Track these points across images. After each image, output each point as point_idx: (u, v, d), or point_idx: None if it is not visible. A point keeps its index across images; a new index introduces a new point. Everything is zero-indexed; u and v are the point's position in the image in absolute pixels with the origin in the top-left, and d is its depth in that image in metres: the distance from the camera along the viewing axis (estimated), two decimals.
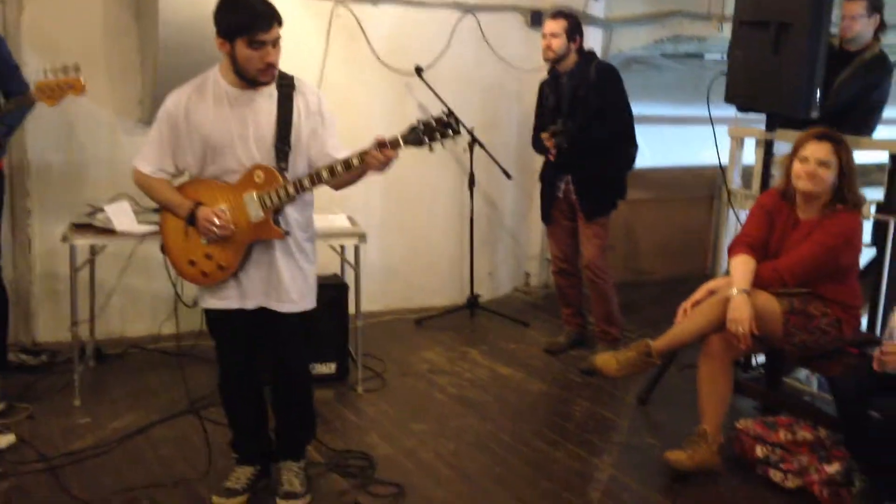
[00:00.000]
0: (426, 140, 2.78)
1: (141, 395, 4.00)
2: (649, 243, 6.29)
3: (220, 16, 2.76)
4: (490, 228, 5.77)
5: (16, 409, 3.71)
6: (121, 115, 4.69)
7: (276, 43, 2.76)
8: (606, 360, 3.43)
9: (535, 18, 5.60)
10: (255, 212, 2.86)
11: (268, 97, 2.86)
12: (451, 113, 2.79)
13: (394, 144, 2.78)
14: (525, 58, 5.57)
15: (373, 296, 5.06)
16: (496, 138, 5.50)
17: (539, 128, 4.65)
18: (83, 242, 3.87)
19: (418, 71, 5.26)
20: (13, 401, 3.76)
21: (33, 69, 3.93)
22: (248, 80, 2.81)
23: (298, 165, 2.92)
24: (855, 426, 3.03)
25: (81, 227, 3.88)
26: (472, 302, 5.42)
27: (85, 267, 4.11)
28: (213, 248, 2.92)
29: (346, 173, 2.84)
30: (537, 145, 4.66)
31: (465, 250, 5.50)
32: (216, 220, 2.85)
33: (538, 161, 4.82)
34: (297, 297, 2.98)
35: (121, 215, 3.90)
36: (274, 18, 2.73)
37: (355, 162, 2.81)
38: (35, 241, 4.57)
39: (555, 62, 4.49)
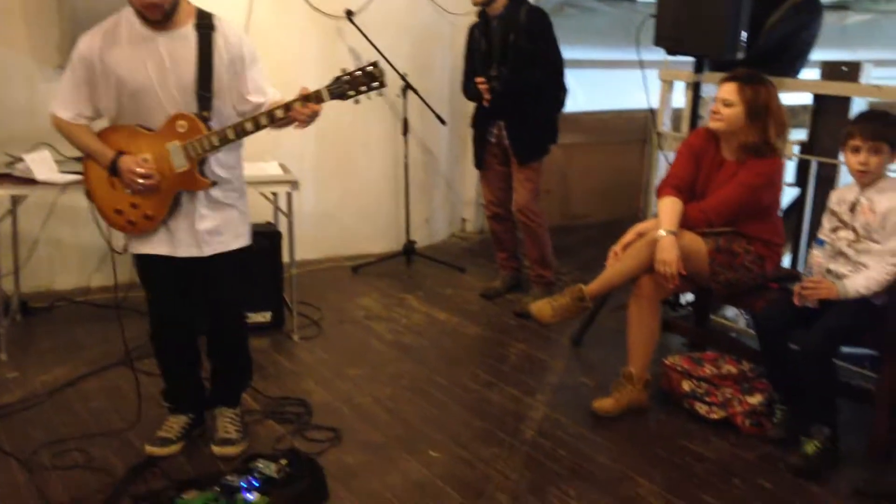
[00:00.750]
0: (351, 93, 2.75)
1: (70, 349, 3.93)
2: (583, 187, 6.35)
3: None
4: (425, 174, 5.75)
5: None
6: (39, 62, 4.50)
7: None
8: (541, 307, 3.47)
9: None
10: (180, 162, 2.81)
11: (184, 39, 2.76)
12: (376, 64, 2.74)
13: (318, 98, 2.74)
14: (457, 2, 5.50)
15: (308, 243, 5.02)
16: (429, 84, 5.45)
17: (469, 73, 4.63)
18: (2, 193, 3.76)
19: (349, 15, 5.16)
20: None
21: None
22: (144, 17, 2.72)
23: (224, 111, 2.86)
24: (775, 358, 3.15)
25: (1, 177, 3.75)
26: (409, 248, 5.42)
27: (6, 218, 3.98)
28: (138, 197, 2.86)
29: (271, 125, 2.79)
30: (468, 91, 4.64)
31: (400, 197, 5.49)
32: (139, 171, 2.78)
33: (471, 106, 4.81)
34: (228, 237, 2.95)
35: (41, 164, 3.78)
36: None
37: (279, 114, 2.75)
38: None
39: (484, 5, 4.45)
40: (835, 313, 2.99)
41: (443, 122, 5.35)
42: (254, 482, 2.72)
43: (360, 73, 2.73)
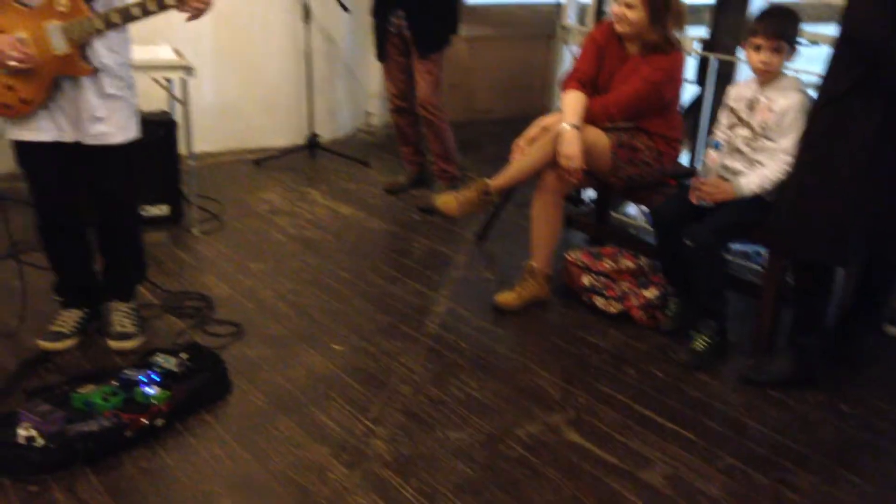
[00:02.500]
0: None
1: None
2: (487, 81, 6.29)
3: None
4: (329, 65, 5.58)
5: None
6: None
7: None
8: (447, 200, 3.47)
9: None
10: (60, 44, 2.63)
11: None
12: None
13: None
14: None
15: (208, 135, 4.84)
16: None
17: None
18: None
19: None
20: None
21: None
22: None
23: None
24: (670, 253, 3.26)
25: None
26: (312, 142, 5.30)
27: None
28: (13, 79, 2.68)
29: (160, 11, 2.62)
30: None
31: (303, 88, 5.32)
32: (12, 53, 2.59)
33: None
34: (115, 128, 2.80)
35: None
36: None
37: (170, 2, 2.59)
38: None
39: None
40: (726, 210, 3.08)
41: (345, 9, 5.16)
42: (154, 376, 2.69)
43: None
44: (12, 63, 2.62)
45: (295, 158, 5.23)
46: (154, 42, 4.11)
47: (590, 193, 4.34)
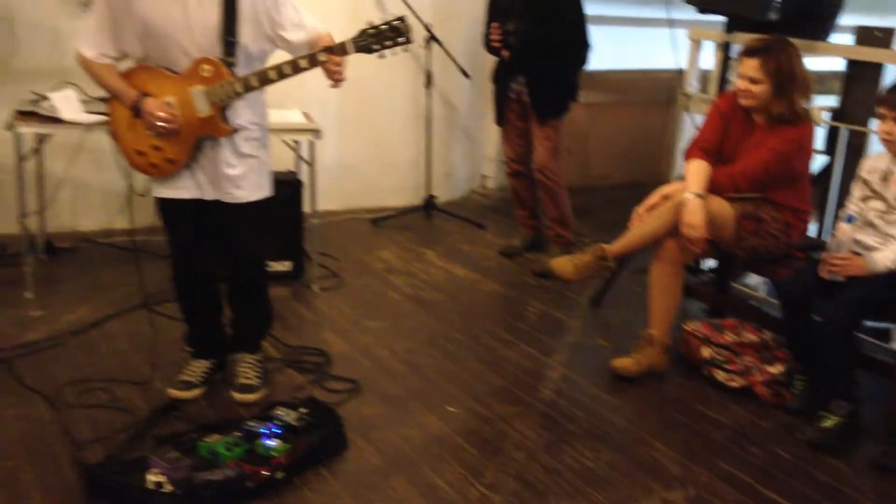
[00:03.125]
0: (376, 47, 2.71)
1: (94, 289, 3.96)
2: (604, 147, 6.29)
3: None
4: (447, 129, 5.71)
5: None
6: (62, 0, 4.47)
7: None
8: (562, 263, 3.47)
9: None
10: (202, 107, 2.79)
11: None
12: (403, 19, 2.70)
13: (342, 51, 2.71)
14: None
15: (329, 194, 5.00)
16: (454, 36, 5.38)
17: (490, 26, 4.55)
18: (28, 130, 3.76)
19: None
20: None
21: None
22: None
23: (251, 55, 2.83)
24: (797, 329, 3.14)
25: (26, 115, 3.75)
26: (429, 203, 5.41)
27: (32, 157, 3.98)
28: (161, 140, 2.85)
29: (295, 74, 2.76)
30: (489, 44, 4.58)
31: (421, 150, 5.45)
32: (161, 114, 2.77)
33: (493, 60, 4.75)
34: (250, 187, 2.94)
35: (66, 103, 3.78)
36: None
37: (303, 64, 2.73)
38: None
39: None
40: (859, 286, 2.97)
41: (466, 75, 5.29)
42: (274, 429, 2.75)
43: (386, 27, 2.70)
44: (161, 125, 2.79)
45: (411, 219, 5.34)
46: (285, 105, 4.30)
47: (709, 263, 4.25)
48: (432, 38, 5.14)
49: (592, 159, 6.29)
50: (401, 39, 2.71)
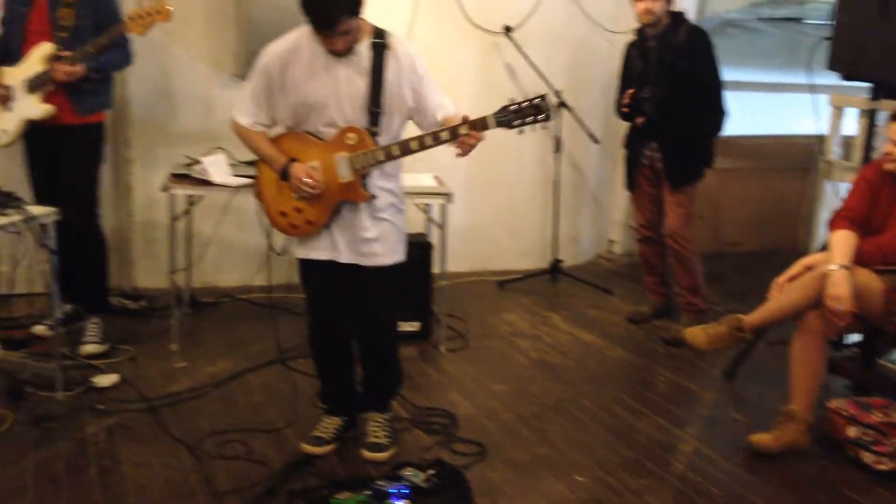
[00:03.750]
0: (516, 123, 2.78)
1: (233, 343, 4.13)
2: (737, 214, 6.13)
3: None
4: (575, 193, 5.72)
5: (118, 351, 3.90)
6: (216, 69, 4.78)
7: (343, 33, 2.76)
8: (695, 332, 3.39)
9: None
10: (345, 173, 2.91)
11: (359, 56, 2.85)
12: (544, 97, 2.76)
13: (483, 126, 2.79)
14: (615, 18, 5.44)
15: (456, 256, 5.07)
16: (584, 101, 5.42)
17: (623, 93, 4.56)
18: (181, 192, 3.99)
19: (507, 30, 5.21)
20: (116, 343, 3.94)
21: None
22: None
23: (392, 125, 2.95)
24: None
25: (180, 178, 3.99)
26: (555, 267, 5.40)
27: (183, 217, 4.23)
28: (303, 202, 2.98)
29: (435, 145, 2.86)
30: (622, 111, 4.57)
31: (548, 214, 5.48)
32: (307, 179, 2.90)
33: (623, 125, 4.75)
34: (385, 251, 3.02)
35: (217, 167, 4.00)
36: (336, 21, 2.70)
37: (444, 136, 2.82)
38: (135, 189, 4.73)
39: (651, 26, 4.38)
40: None
41: (596, 140, 5.31)
42: (403, 489, 2.77)
43: (527, 104, 2.76)
44: (305, 188, 2.93)
45: (537, 282, 5.34)
46: (416, 169, 4.42)
47: (854, 337, 4.04)
48: (562, 104, 5.20)
49: (724, 225, 6.14)
50: (541, 117, 2.76)
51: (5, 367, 3.52)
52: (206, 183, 3.93)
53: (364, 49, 2.86)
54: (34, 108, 3.70)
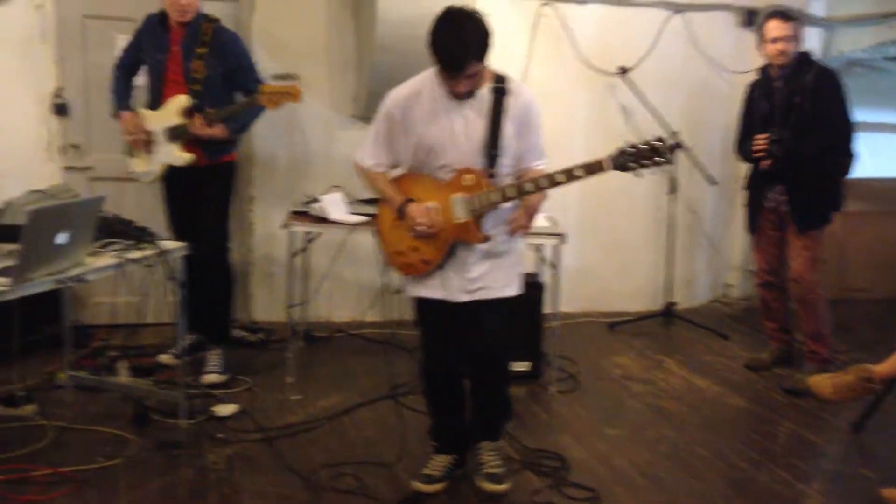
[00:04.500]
0: (633, 166, 2.75)
1: (345, 378, 4.21)
2: (864, 259, 5.86)
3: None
4: (690, 235, 5.60)
5: (237, 382, 4.03)
6: (337, 111, 4.95)
7: (469, 76, 2.81)
8: (820, 381, 3.26)
9: (750, 18, 5.38)
10: (461, 214, 2.94)
11: (480, 101, 2.90)
12: (663, 140, 2.73)
13: (599, 168, 2.78)
14: (735, 59, 5.37)
15: (567, 297, 5.02)
16: (700, 142, 5.34)
17: (746, 133, 4.45)
18: (300, 229, 4.12)
19: (623, 71, 5.19)
20: (235, 373, 4.08)
21: (262, 67, 4.19)
22: None
23: (507, 168, 2.97)
24: None
25: (299, 215, 4.13)
26: (669, 310, 5.29)
27: (300, 253, 4.36)
28: (419, 241, 3.02)
29: (551, 188, 2.87)
30: (743, 151, 4.46)
31: (662, 256, 5.38)
32: (423, 219, 2.95)
33: (743, 167, 4.63)
34: (498, 284, 3.04)
35: (334, 205, 4.12)
36: (465, 64, 2.75)
37: (560, 178, 2.83)
38: (256, 226, 4.92)
39: (784, 67, 4.26)
40: None
41: (713, 182, 5.20)
42: None
43: (645, 147, 2.73)
44: (421, 227, 2.97)
45: (649, 325, 5.24)
46: None
47: None
48: (678, 144, 5.12)
49: (850, 271, 5.88)
50: (658, 160, 2.73)
51: (133, 394, 3.69)
52: (324, 220, 4.05)
53: (485, 93, 2.91)
54: (175, 156, 3.96)
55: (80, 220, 2.93)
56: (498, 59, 3.18)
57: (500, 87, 2.91)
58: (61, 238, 2.80)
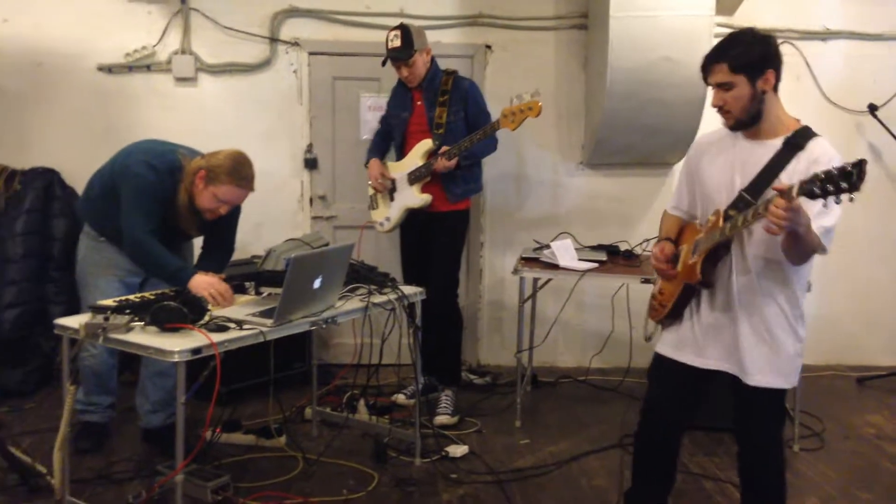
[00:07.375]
0: (817, 192, 2.40)
1: (572, 424, 4.19)
2: None
3: None
4: None
5: (466, 423, 4.13)
6: (564, 158, 5.01)
7: (723, 88, 2.63)
8: None
9: None
10: (694, 254, 2.80)
11: (769, 147, 2.65)
12: (861, 164, 2.37)
13: (788, 195, 2.35)
14: None
15: (809, 349, 4.70)
16: None
17: None
18: (531, 275, 4.17)
19: (871, 109, 4.86)
20: (464, 415, 4.19)
21: (493, 116, 4.32)
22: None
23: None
24: None
25: (529, 261, 4.19)
26: None
27: (529, 298, 4.42)
28: (665, 283, 2.92)
29: (744, 227, 2.57)
30: None
31: None
32: (657, 252, 2.85)
33: None
34: (759, 370, 2.65)
35: (564, 252, 4.15)
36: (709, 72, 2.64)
37: (759, 210, 2.47)
38: (485, 271, 5.05)
39: None
40: None
41: None
42: None
43: (837, 171, 2.40)
44: (655, 264, 2.84)
45: None
46: None
47: None
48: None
49: None
50: (844, 185, 2.27)
51: (372, 431, 3.88)
52: (554, 266, 4.09)
53: (776, 144, 2.64)
54: (414, 197, 4.18)
55: (334, 266, 3.15)
56: None
57: (797, 142, 2.61)
58: (317, 283, 3.02)
